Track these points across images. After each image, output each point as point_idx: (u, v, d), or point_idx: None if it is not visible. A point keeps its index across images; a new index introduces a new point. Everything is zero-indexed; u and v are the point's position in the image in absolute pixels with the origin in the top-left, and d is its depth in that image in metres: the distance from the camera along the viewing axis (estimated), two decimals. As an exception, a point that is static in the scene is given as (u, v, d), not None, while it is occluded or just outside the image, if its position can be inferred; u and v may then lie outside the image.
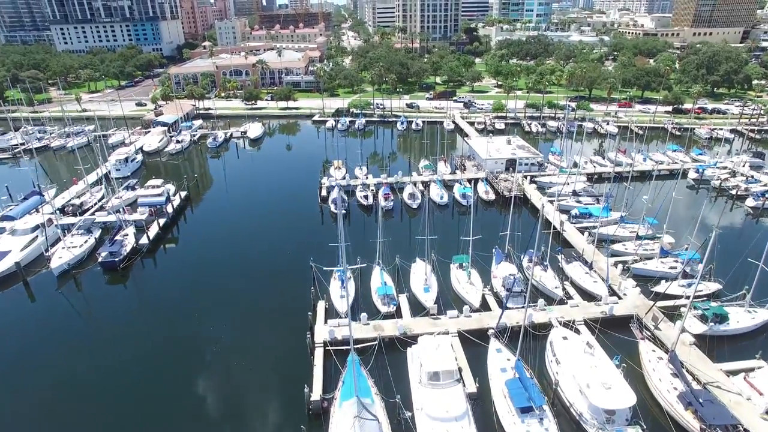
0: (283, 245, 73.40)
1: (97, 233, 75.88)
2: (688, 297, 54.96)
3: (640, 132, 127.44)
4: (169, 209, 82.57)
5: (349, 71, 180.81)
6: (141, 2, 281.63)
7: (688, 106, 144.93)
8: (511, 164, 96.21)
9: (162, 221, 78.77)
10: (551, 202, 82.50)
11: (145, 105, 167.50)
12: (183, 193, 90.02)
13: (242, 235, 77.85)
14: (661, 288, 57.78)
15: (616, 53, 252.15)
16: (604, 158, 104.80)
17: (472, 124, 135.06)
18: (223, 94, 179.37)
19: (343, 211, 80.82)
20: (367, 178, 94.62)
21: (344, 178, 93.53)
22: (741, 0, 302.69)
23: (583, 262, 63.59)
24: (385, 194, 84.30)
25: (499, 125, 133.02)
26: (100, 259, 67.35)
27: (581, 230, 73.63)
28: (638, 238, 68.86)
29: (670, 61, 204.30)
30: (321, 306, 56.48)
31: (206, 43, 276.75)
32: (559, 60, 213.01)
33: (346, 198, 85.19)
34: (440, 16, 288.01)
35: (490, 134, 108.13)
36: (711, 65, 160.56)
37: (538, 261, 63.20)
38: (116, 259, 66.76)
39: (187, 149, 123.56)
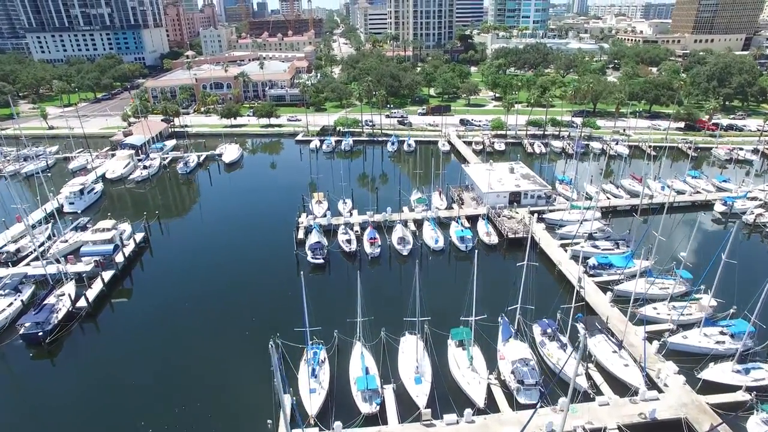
0: (249, 307, 61.62)
1: (28, 292, 63.86)
2: (749, 391, 43.81)
3: (654, 153, 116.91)
4: (120, 258, 70.70)
5: (337, 84, 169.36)
6: (122, 10, 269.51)
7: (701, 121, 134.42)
8: (515, 197, 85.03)
9: (109, 274, 66.84)
10: (564, 247, 71.46)
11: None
12: (140, 235, 78.16)
13: (205, 290, 66.17)
14: (710, 375, 46.65)
15: (616, 61, 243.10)
16: (617, 187, 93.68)
17: (469, 143, 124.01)
18: (202, 109, 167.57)
19: (321, 260, 69.64)
20: (351, 214, 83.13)
21: (325, 215, 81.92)
22: (743, 5, 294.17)
23: (610, 334, 52.24)
24: (371, 239, 72.70)
25: (499, 146, 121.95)
26: (22, 331, 55.42)
27: (602, 287, 62.22)
28: (672, 299, 57.70)
29: (674, 71, 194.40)
30: (287, 403, 44.69)
31: (189, 53, 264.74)
32: (559, 69, 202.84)
33: (326, 243, 73.52)
34: (434, 23, 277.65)
35: (490, 161, 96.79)
36: (723, 77, 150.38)
37: (553, 334, 52.01)
38: (41, 332, 54.76)
39: (156, 175, 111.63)
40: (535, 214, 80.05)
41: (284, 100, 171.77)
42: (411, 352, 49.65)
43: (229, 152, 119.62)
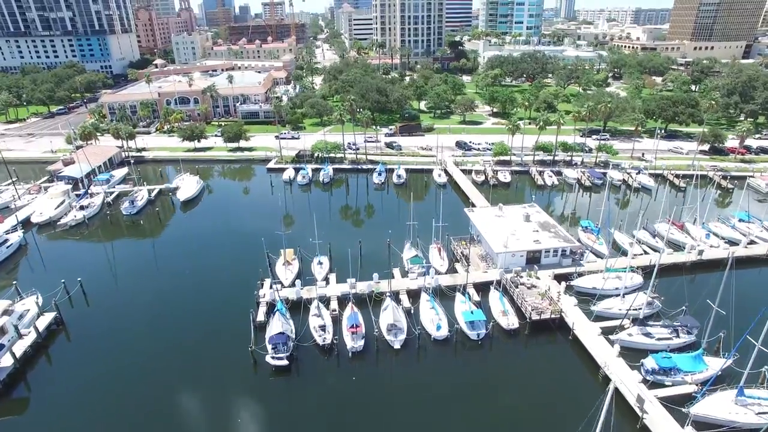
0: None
1: None
2: None
3: (682, 184, 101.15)
4: (8, 360, 51.75)
5: (316, 99, 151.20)
6: (84, 14, 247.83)
7: (728, 144, 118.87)
8: (533, 256, 67.79)
9: (-13, 389, 48.14)
10: (606, 335, 54.29)
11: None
12: (50, 316, 59.34)
13: (124, 407, 47.89)
14: None
15: (616, 70, 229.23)
16: (654, 236, 76.98)
17: (468, 172, 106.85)
18: (165, 128, 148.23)
19: (284, 362, 51.53)
20: (327, 281, 65.16)
21: (294, 283, 63.90)
22: (742, 12, 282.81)
23: None
24: (353, 326, 54.66)
25: (504, 176, 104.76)
26: None
27: (671, 406, 44.93)
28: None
29: (683, 82, 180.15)
30: None
31: (158, 61, 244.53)
32: (559, 81, 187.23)
33: (293, 332, 55.45)
34: (422, 29, 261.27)
35: (500, 205, 79.38)
36: (745, 91, 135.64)
37: None
38: None
39: (96, 217, 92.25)
40: (563, 283, 62.92)
41: (258, 117, 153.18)
42: None
43: (186, 186, 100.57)
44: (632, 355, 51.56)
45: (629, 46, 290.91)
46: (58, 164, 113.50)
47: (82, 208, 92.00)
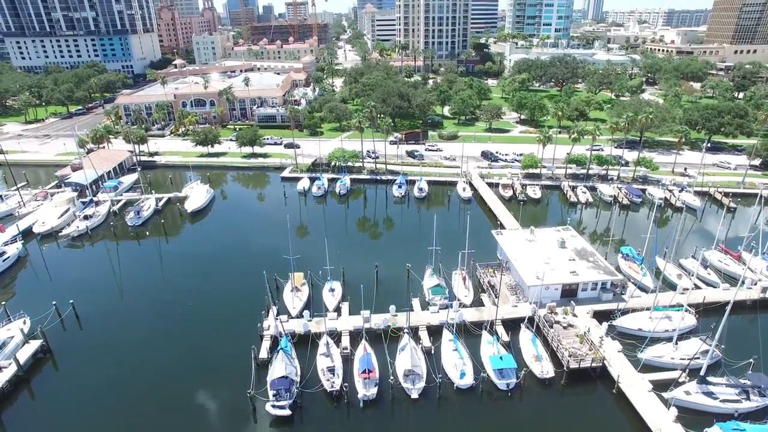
0: None
1: None
2: None
3: (732, 204, 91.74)
4: (-16, 396, 46.94)
5: (335, 103, 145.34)
6: (107, 14, 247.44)
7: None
8: (569, 288, 60.28)
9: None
10: (657, 390, 46.58)
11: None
12: (36, 344, 54.43)
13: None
14: None
15: (650, 75, 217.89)
16: (706, 267, 68.53)
17: (494, 186, 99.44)
18: (180, 131, 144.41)
19: (286, 411, 45.25)
20: (339, 312, 58.81)
21: (301, 314, 57.77)
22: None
23: None
24: (365, 371, 48.08)
25: (533, 191, 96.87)
26: None
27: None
28: None
29: (726, 89, 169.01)
30: None
31: (178, 62, 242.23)
32: (591, 87, 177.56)
33: (297, 375, 49.26)
34: (447, 31, 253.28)
35: (531, 228, 71.76)
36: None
37: None
38: None
39: (100, 227, 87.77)
40: (603, 324, 55.34)
41: (275, 120, 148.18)
42: None
43: (196, 196, 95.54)
44: (691, 418, 43.88)
45: (663, 50, 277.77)
46: (67, 169, 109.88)
47: (86, 217, 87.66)
